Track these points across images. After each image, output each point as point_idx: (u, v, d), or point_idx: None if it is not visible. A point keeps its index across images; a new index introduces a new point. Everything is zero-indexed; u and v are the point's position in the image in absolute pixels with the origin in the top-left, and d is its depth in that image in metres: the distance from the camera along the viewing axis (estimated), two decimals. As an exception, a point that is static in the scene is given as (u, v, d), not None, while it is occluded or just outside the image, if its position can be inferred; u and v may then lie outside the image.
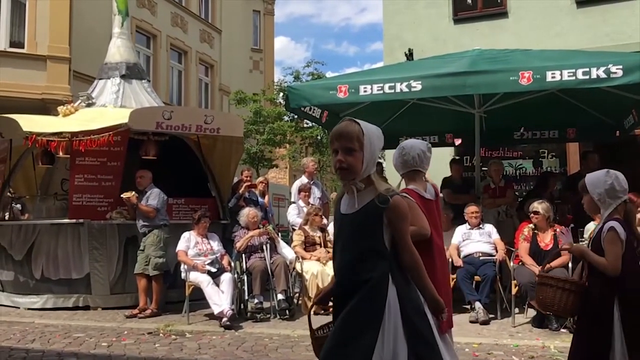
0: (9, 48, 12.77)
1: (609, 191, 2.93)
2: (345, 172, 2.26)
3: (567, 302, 2.95)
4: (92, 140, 7.04)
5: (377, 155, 2.35)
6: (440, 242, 3.18)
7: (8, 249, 7.43)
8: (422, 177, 3.28)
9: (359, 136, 2.25)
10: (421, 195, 3.14)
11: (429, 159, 3.26)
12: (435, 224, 3.13)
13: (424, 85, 6.00)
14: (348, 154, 2.23)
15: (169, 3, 18.16)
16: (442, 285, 3.07)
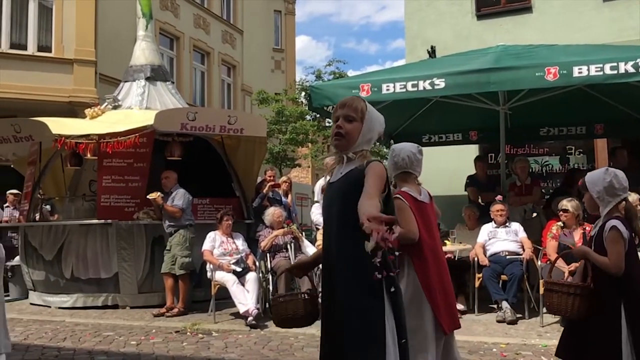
0: (37, 52, 13.04)
1: (608, 189, 2.92)
2: (341, 139, 2.33)
3: (573, 306, 2.93)
4: (118, 142, 7.17)
5: (374, 137, 2.39)
6: (434, 245, 3.17)
7: (39, 249, 7.60)
8: (415, 179, 3.28)
9: (362, 109, 2.34)
10: (414, 197, 3.14)
11: (419, 160, 3.27)
12: (429, 226, 3.14)
13: (447, 82, 5.96)
14: (348, 122, 2.32)
15: (192, 5, 18.33)
16: (438, 287, 3.06)
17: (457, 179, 8.32)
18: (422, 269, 3.04)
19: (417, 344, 2.84)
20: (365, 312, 2.19)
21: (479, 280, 6.31)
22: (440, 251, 3.26)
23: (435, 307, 3.01)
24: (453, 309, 3.18)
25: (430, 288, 3.03)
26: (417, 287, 3.02)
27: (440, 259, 3.19)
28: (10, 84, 12.13)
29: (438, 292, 3.04)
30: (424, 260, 3.05)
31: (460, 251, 6.73)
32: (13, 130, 7.50)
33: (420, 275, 3.03)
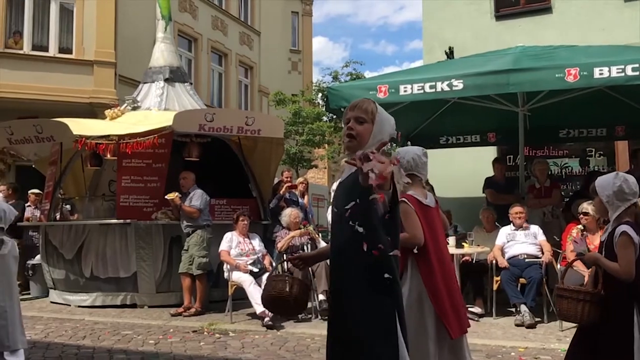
0: (58, 54, 13.22)
1: (617, 193, 2.89)
2: (352, 141, 2.35)
3: (583, 312, 2.91)
4: (137, 143, 7.24)
5: (385, 138, 2.40)
6: (439, 248, 3.15)
7: (59, 248, 7.71)
8: (420, 183, 3.27)
9: (373, 111, 2.36)
10: (419, 201, 3.13)
11: (424, 163, 3.28)
12: (434, 230, 3.13)
13: (465, 84, 5.93)
14: (359, 124, 2.34)
15: (210, 6, 18.45)
16: (444, 291, 3.04)
17: (474, 181, 8.26)
18: (427, 273, 3.03)
19: (418, 347, 2.83)
20: (375, 306, 2.20)
21: (497, 284, 6.26)
22: (445, 255, 3.24)
23: (441, 311, 3.00)
24: (460, 312, 3.15)
25: (435, 292, 3.02)
26: (421, 290, 3.02)
27: (446, 262, 3.18)
28: (32, 85, 12.32)
29: (444, 295, 3.04)
30: (429, 264, 3.04)
31: (478, 254, 6.68)
32: (35, 131, 7.61)
33: (425, 279, 3.02)
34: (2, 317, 3.82)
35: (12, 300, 3.93)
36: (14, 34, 12.99)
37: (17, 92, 12.17)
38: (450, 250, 6.38)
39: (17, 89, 12.20)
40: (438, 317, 2.99)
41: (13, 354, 3.86)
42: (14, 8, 13.10)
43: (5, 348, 3.80)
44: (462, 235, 7.08)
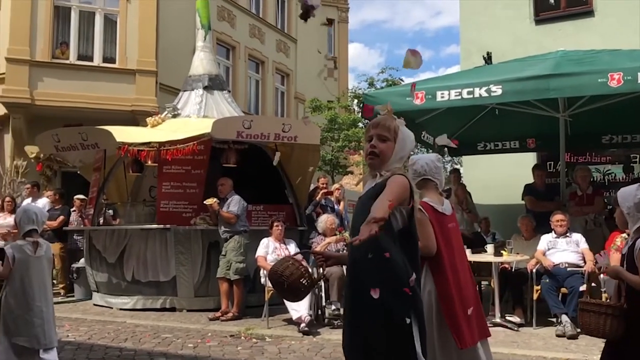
0: (102, 63, 13.64)
1: (638, 205, 2.84)
2: (375, 158, 2.39)
3: (605, 326, 2.85)
4: (177, 150, 7.39)
5: (406, 155, 2.47)
6: (453, 256, 3.14)
7: (102, 252, 7.93)
8: (435, 188, 3.26)
9: (395, 129, 2.41)
10: (434, 208, 3.13)
11: (439, 168, 3.29)
12: (448, 238, 3.13)
13: (504, 89, 5.85)
14: (381, 141, 2.38)
15: (247, 15, 18.73)
16: (457, 300, 3.03)
17: (513, 187, 8.12)
18: (439, 281, 3.04)
19: None
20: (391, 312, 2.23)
21: (538, 293, 6.13)
22: (460, 263, 3.22)
23: (451, 319, 2.99)
24: (473, 322, 3.12)
25: (447, 300, 3.02)
26: (432, 298, 3.03)
27: (460, 270, 3.16)
28: (78, 94, 12.73)
29: (456, 304, 3.03)
30: (442, 272, 3.05)
31: (517, 262, 6.56)
32: (80, 138, 7.86)
33: (437, 287, 3.03)
34: (38, 316, 3.99)
35: (47, 300, 4.11)
36: (61, 45, 13.47)
37: (63, 100, 12.61)
38: (489, 259, 6.34)
39: (63, 98, 12.64)
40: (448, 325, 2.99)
41: (47, 352, 4.02)
42: (61, 20, 13.58)
43: (42, 346, 3.97)
44: (501, 243, 6.97)
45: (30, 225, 4.04)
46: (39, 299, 4.01)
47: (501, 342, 5.55)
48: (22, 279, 3.95)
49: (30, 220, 4.04)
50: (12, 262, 3.93)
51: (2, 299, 3.98)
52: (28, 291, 3.96)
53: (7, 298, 3.95)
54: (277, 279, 2.59)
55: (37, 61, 12.91)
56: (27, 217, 4.06)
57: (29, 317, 3.93)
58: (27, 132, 12.42)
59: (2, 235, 8.24)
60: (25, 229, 4.05)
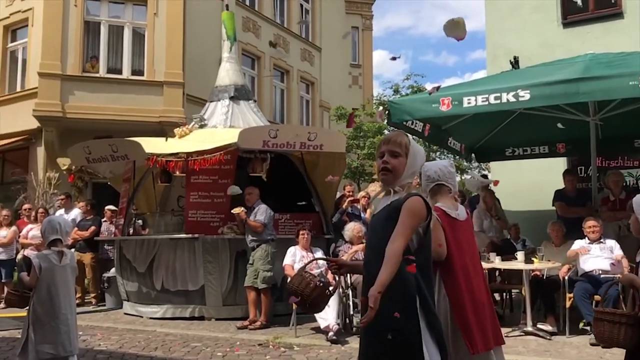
0: (131, 76, 13.93)
1: None
2: (387, 174, 2.44)
3: (619, 334, 2.80)
4: (205, 160, 7.48)
5: (417, 170, 2.53)
6: (465, 262, 3.13)
7: (132, 262, 8.05)
8: (449, 193, 3.27)
9: (407, 144, 2.47)
10: (447, 213, 3.13)
11: (452, 173, 3.31)
12: (460, 243, 3.13)
13: (532, 94, 5.77)
14: (393, 157, 2.43)
15: (272, 25, 18.90)
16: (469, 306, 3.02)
17: (543, 193, 7.99)
18: (451, 287, 3.05)
19: None
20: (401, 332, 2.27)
21: (570, 300, 6.00)
22: (473, 269, 3.20)
23: (463, 325, 2.99)
24: (487, 329, 3.10)
25: (458, 305, 3.02)
26: (446, 304, 3.03)
27: (472, 276, 3.15)
28: (107, 106, 13.02)
29: (468, 310, 3.02)
30: (454, 278, 3.05)
31: (548, 269, 6.43)
32: (111, 150, 8.01)
33: (449, 293, 3.04)
34: (64, 323, 4.10)
35: (72, 308, 4.24)
36: (91, 59, 13.81)
37: (93, 113, 12.91)
38: (519, 266, 6.23)
39: (93, 110, 12.94)
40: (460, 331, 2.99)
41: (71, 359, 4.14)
42: (91, 34, 13.94)
43: (67, 353, 4.08)
44: (531, 250, 6.85)
45: (54, 235, 4.16)
46: (65, 306, 4.13)
47: (533, 351, 5.44)
48: (48, 288, 4.07)
49: (54, 230, 4.16)
50: (38, 271, 4.06)
51: (30, 308, 4.10)
52: (54, 299, 4.08)
53: (34, 306, 4.07)
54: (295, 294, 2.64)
55: (68, 75, 13.25)
56: (51, 227, 4.19)
57: (55, 324, 4.05)
58: (59, 144, 12.74)
59: (36, 246, 8.45)
60: (49, 238, 4.18)
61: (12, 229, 9.40)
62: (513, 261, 6.43)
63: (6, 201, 12.09)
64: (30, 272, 4.15)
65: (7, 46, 14.81)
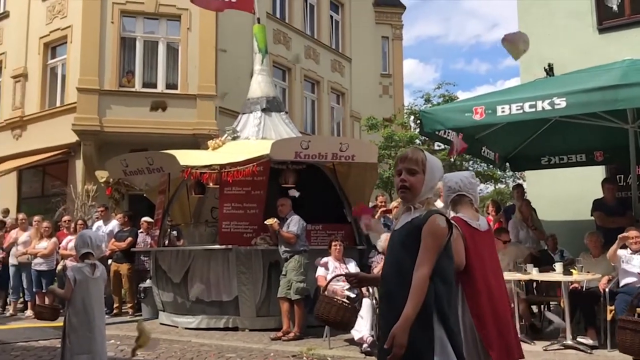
0: (165, 90, 14.24)
1: None
2: (406, 191, 2.46)
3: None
4: (238, 171, 7.55)
5: (436, 184, 2.52)
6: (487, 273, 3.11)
7: (167, 272, 8.17)
8: (470, 204, 3.26)
9: (423, 160, 2.47)
10: (468, 224, 3.11)
11: (473, 184, 3.31)
12: (481, 254, 3.11)
13: (569, 101, 5.66)
14: (411, 175, 2.45)
15: (302, 37, 19.07)
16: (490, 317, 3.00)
17: (581, 202, 7.80)
18: (472, 298, 3.03)
19: None
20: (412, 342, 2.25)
21: (612, 313, 5.82)
22: (494, 279, 3.18)
23: (485, 336, 2.97)
24: (510, 340, 3.08)
25: (479, 316, 3.00)
26: (466, 313, 3.02)
27: (494, 287, 3.13)
28: (143, 120, 13.32)
29: (489, 320, 3.00)
30: (475, 288, 3.04)
31: (588, 281, 6.26)
32: (147, 163, 8.18)
33: (470, 304, 3.02)
34: (100, 333, 4.28)
35: (103, 318, 4.47)
36: (127, 74, 14.17)
37: (129, 126, 13.22)
38: (558, 278, 6.09)
39: (129, 124, 13.25)
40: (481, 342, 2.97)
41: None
42: (127, 50, 14.32)
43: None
44: (570, 261, 6.69)
45: (85, 249, 4.32)
46: (98, 317, 4.31)
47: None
48: (83, 299, 4.22)
49: (86, 244, 4.33)
50: (73, 283, 4.21)
51: (66, 319, 4.24)
52: (89, 310, 4.23)
53: (70, 317, 4.21)
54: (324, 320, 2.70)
55: (105, 90, 13.63)
56: (82, 241, 4.36)
57: (91, 334, 4.20)
58: (97, 157, 13.09)
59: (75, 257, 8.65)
60: (81, 252, 4.35)
61: (52, 240, 9.67)
62: (551, 272, 6.29)
63: (47, 213, 12.45)
64: (65, 285, 4.30)
65: (47, 63, 15.33)
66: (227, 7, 10.12)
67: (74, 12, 14.32)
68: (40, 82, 15.18)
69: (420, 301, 2.25)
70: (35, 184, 15.82)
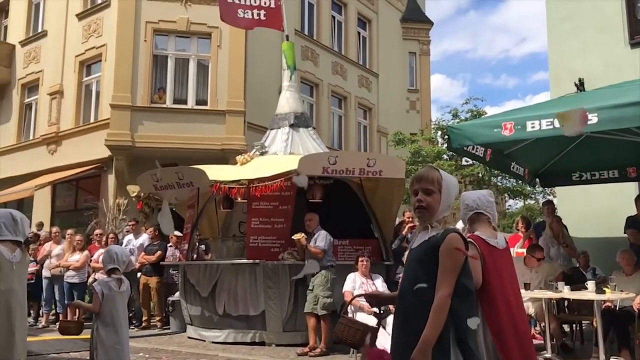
0: (195, 106, 14.51)
1: None
2: (423, 211, 2.48)
3: None
4: (266, 186, 7.63)
5: (452, 202, 2.54)
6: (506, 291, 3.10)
7: (196, 286, 8.25)
8: (488, 222, 3.26)
9: (439, 180, 2.50)
10: (486, 241, 3.11)
11: (491, 202, 3.32)
12: (500, 272, 3.10)
13: (600, 117, 5.56)
14: (427, 195, 2.48)
15: (330, 53, 19.23)
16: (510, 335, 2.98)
17: (614, 219, 7.63)
18: (492, 316, 3.01)
19: None
20: None
21: (648, 333, 5.66)
22: (514, 298, 3.17)
23: (506, 354, 2.95)
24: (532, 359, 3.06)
25: (500, 334, 2.98)
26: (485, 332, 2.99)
27: (514, 306, 3.12)
28: (173, 135, 13.58)
29: (510, 338, 2.99)
30: (494, 307, 3.02)
31: (621, 300, 6.11)
32: (177, 177, 8.32)
33: (490, 322, 3.00)
34: (125, 344, 4.43)
35: (127, 331, 4.64)
36: (159, 90, 14.49)
37: (160, 142, 13.49)
38: (590, 296, 5.96)
39: (160, 139, 13.52)
40: None
41: None
42: (159, 67, 14.65)
43: None
44: (602, 279, 6.54)
45: (111, 264, 4.49)
46: (125, 329, 4.49)
47: (608, 387, 5.15)
48: (110, 312, 4.38)
49: (112, 260, 4.49)
50: (101, 297, 4.37)
51: (94, 332, 4.39)
52: (116, 323, 4.39)
53: (98, 330, 4.36)
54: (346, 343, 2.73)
55: (137, 106, 13.95)
56: (108, 256, 4.53)
57: (119, 346, 4.35)
58: (128, 172, 13.36)
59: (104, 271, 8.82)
60: (107, 267, 4.52)
61: (85, 253, 9.88)
62: (583, 291, 6.15)
63: (79, 226, 12.75)
64: (93, 299, 4.46)
65: (82, 80, 15.79)
66: (257, 25, 10.31)
67: (108, 31, 14.77)
68: (75, 99, 15.64)
69: (440, 323, 2.28)
70: (68, 197, 16.23)
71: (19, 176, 16.16)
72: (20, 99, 17.68)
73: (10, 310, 3.73)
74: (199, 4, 14.50)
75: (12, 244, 3.83)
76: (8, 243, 3.81)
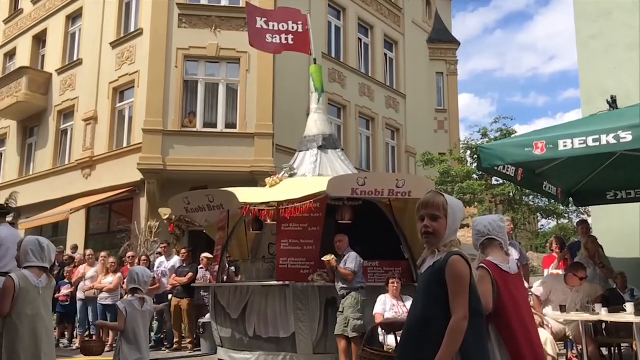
0: (225, 129, 14.75)
1: None
2: (430, 237, 2.54)
3: None
4: (295, 208, 7.66)
5: (458, 225, 2.59)
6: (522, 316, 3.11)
7: (226, 308, 8.29)
8: (500, 247, 3.30)
9: (444, 205, 2.55)
10: (499, 267, 3.14)
11: (502, 228, 3.35)
12: (515, 297, 3.14)
13: (635, 135, 5.46)
14: (434, 220, 2.53)
15: (357, 75, 19.37)
16: None
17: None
18: (510, 341, 3.02)
19: None
20: None
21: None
22: (529, 321, 3.18)
23: None
24: None
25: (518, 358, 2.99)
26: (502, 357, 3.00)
27: (530, 329, 3.13)
28: (203, 159, 13.81)
29: None
30: (512, 331, 3.03)
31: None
32: (207, 200, 8.43)
33: (507, 346, 3.00)
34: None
35: (148, 350, 4.76)
36: (189, 115, 14.81)
37: (191, 165, 13.74)
38: (629, 319, 5.78)
39: (191, 163, 13.77)
40: None
41: None
42: (189, 92, 15.00)
43: None
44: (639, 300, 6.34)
45: (132, 284, 4.69)
46: (147, 347, 4.65)
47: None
48: (134, 330, 4.53)
49: (133, 280, 4.69)
50: (125, 315, 4.53)
51: (119, 350, 4.54)
52: (139, 340, 4.54)
53: (122, 347, 4.52)
54: None
55: (169, 131, 14.26)
56: (130, 277, 4.76)
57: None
58: (160, 195, 13.61)
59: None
60: (129, 287, 4.76)
61: (118, 275, 10.04)
62: (621, 313, 5.98)
63: (112, 249, 12.99)
64: (118, 317, 4.63)
65: (115, 106, 16.25)
66: (285, 50, 10.47)
67: (141, 58, 15.20)
68: (108, 124, 16.08)
69: (456, 346, 2.30)
70: (102, 220, 16.59)
71: (55, 200, 16.61)
72: (57, 125, 18.27)
73: (37, 335, 3.88)
74: (229, 30, 14.85)
75: (39, 270, 4.03)
76: (35, 269, 4.01)
